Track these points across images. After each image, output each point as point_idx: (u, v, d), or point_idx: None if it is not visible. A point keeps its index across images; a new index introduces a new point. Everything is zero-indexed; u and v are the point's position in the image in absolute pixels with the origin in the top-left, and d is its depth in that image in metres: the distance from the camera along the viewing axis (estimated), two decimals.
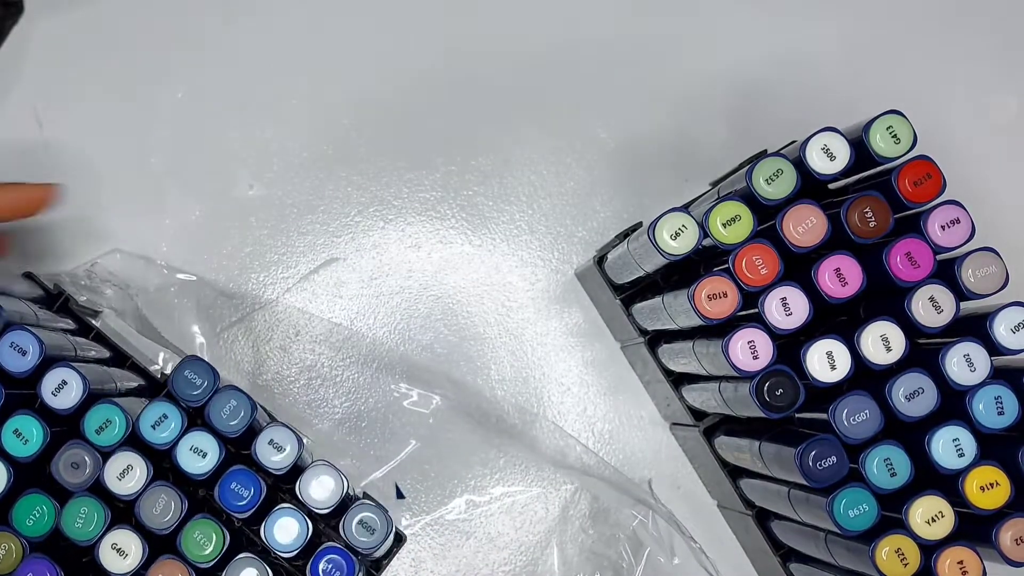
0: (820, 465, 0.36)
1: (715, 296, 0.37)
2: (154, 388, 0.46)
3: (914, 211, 0.38)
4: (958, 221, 0.37)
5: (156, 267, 0.48)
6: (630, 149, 0.51)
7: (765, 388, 0.37)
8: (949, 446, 0.36)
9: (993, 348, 0.37)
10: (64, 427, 0.39)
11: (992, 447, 0.36)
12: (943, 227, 0.37)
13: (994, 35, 0.53)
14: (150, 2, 0.51)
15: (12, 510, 0.37)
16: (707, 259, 0.41)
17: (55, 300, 0.46)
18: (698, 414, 0.46)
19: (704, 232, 0.38)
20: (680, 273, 0.43)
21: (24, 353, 0.37)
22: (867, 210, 0.37)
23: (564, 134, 0.51)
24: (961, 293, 0.37)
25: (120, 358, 0.46)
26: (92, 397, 0.38)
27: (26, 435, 0.37)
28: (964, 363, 0.36)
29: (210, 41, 0.51)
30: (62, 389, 0.37)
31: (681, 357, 0.43)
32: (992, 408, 0.36)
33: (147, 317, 0.47)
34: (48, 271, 0.47)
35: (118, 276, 0.47)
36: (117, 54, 0.50)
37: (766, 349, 0.37)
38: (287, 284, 0.50)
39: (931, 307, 0.37)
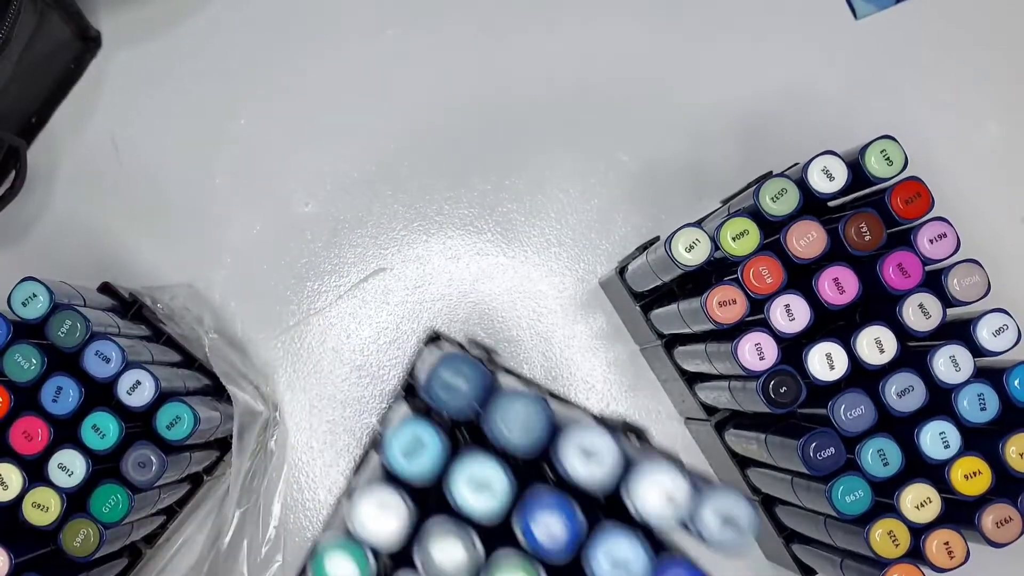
0: (820, 455, 0.37)
1: (725, 303, 0.38)
2: (218, 388, 0.48)
3: (905, 227, 0.39)
4: (945, 236, 0.38)
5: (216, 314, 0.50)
6: (649, 170, 0.53)
7: (770, 386, 0.38)
8: (936, 439, 0.37)
9: (977, 350, 0.38)
10: (138, 423, 0.40)
11: (975, 439, 0.38)
12: (931, 241, 0.38)
13: (976, 68, 0.54)
14: (215, 37, 0.53)
15: (90, 499, 0.39)
16: (718, 269, 0.42)
17: (130, 307, 0.48)
18: (710, 409, 0.47)
19: (715, 245, 0.39)
20: (694, 282, 0.44)
21: (108, 360, 0.39)
22: (862, 225, 0.38)
23: (589, 157, 0.52)
24: (947, 300, 0.38)
25: (188, 360, 0.49)
26: (163, 396, 0.40)
27: (103, 430, 0.39)
28: (950, 364, 0.37)
29: (270, 74, 0.53)
30: (136, 388, 0.40)
31: (694, 358, 0.44)
32: (975, 404, 0.37)
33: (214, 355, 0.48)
34: (123, 284, 0.49)
35: (192, 310, 0.49)
36: (186, 84, 0.53)
37: (771, 351, 0.38)
38: (339, 292, 0.52)
39: (920, 313, 0.38)
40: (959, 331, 0.39)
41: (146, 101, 0.53)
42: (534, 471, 0.28)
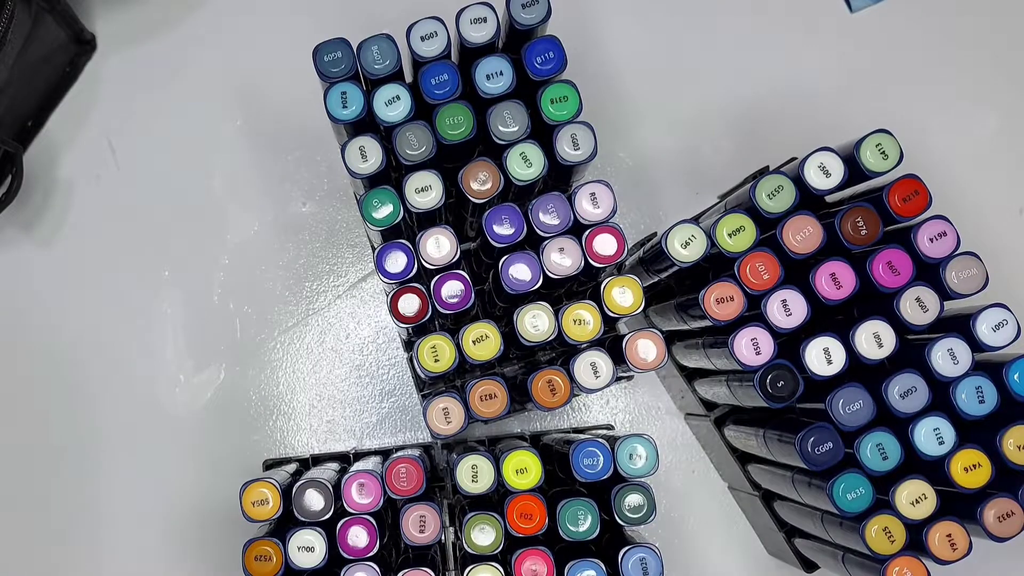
0: (818, 450, 0.37)
1: (723, 300, 0.38)
2: None
3: (903, 224, 0.39)
4: (945, 234, 0.38)
5: None
6: (646, 167, 0.52)
7: (767, 380, 0.38)
8: (931, 435, 0.37)
9: (976, 345, 0.38)
10: None
11: (975, 432, 0.38)
12: (931, 239, 0.38)
13: (973, 60, 0.53)
14: (210, 38, 0.53)
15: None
16: (715, 266, 0.42)
17: None
18: (709, 405, 0.47)
19: (712, 242, 0.39)
20: (691, 278, 0.44)
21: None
22: (858, 220, 0.38)
23: None
24: (945, 293, 0.38)
25: None
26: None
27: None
28: (948, 357, 0.37)
29: (266, 74, 0.53)
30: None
31: (693, 354, 0.44)
32: (974, 397, 0.37)
33: None
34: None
35: None
36: (182, 86, 0.53)
37: (767, 346, 0.38)
38: (338, 292, 0.52)
39: (918, 307, 0.38)
40: (958, 325, 0.39)
41: (142, 103, 0.53)
42: None
